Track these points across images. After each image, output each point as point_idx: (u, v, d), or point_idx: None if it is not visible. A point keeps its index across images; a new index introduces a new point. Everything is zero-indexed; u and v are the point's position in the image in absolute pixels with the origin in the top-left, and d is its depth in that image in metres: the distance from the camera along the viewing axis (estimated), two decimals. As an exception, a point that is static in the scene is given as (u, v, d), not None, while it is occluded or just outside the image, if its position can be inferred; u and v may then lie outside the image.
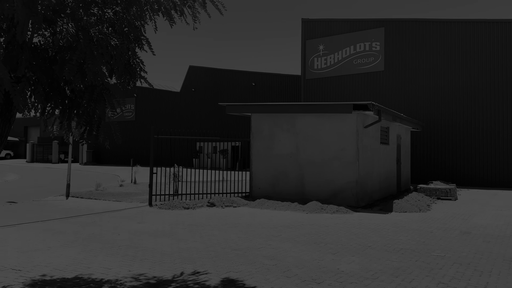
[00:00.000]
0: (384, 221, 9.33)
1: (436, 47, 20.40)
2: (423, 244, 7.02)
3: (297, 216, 9.91)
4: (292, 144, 12.48)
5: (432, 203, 12.58)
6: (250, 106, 13.28)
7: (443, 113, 20.09)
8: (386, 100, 21.39)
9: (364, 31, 22.34)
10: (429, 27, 20.64)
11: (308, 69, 24.12)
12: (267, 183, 12.83)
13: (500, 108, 18.80)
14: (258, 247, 6.71)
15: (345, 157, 11.63)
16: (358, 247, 6.77)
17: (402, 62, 21.28)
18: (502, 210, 11.30)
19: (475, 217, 10.12)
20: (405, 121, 15.23)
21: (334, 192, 11.74)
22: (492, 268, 5.57)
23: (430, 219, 9.71)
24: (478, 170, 19.17)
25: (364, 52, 22.28)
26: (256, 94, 32.25)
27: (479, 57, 19.32)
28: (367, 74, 22.26)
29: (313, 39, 23.95)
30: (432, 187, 14.04)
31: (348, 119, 11.66)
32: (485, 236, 7.70)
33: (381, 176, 13.76)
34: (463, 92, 19.66)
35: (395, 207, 11.02)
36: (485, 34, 19.20)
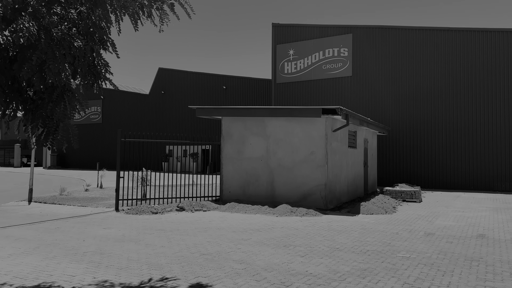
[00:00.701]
0: (352, 223, 9.49)
1: (400, 53, 21.05)
2: (389, 245, 7.20)
3: (267, 219, 9.93)
4: (262, 148, 12.52)
5: (397, 205, 12.93)
6: (220, 110, 13.23)
7: (408, 118, 20.73)
8: (354, 105, 21.87)
9: (332, 37, 22.77)
10: (393, 34, 21.28)
11: (279, 73, 24.33)
12: (237, 186, 12.81)
13: (461, 113, 19.59)
14: (228, 251, 6.67)
15: (315, 160, 11.78)
16: (327, 249, 6.86)
17: (369, 67, 21.83)
18: (464, 212, 11.75)
19: (439, 218, 10.47)
20: (371, 126, 15.60)
21: (304, 195, 11.86)
22: (454, 268, 5.77)
23: (396, 220, 9.97)
24: (442, 173, 19.87)
25: (333, 58, 22.70)
26: (227, 97, 32.22)
27: (440, 63, 20.08)
28: (335, 79, 22.68)
29: (284, 44, 24.19)
30: (397, 190, 14.42)
31: (318, 123, 11.83)
32: (448, 237, 7.97)
33: (349, 179, 14.03)
34: (426, 97, 20.36)
35: (362, 209, 11.25)
36: (446, 41, 19.99)
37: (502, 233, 8.48)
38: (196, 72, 34.31)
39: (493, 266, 5.88)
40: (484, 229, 8.94)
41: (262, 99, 30.54)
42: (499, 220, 10.26)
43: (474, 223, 9.75)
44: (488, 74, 19.07)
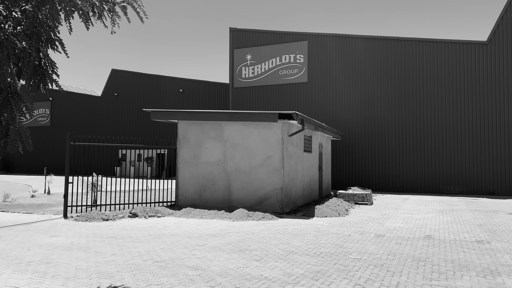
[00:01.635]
0: (307, 226, 9.65)
1: (353, 60, 21.79)
2: (342, 247, 7.38)
3: (223, 224, 9.87)
4: (219, 152, 12.47)
5: (350, 208, 13.31)
6: (176, 113, 13.04)
7: (360, 123, 21.47)
8: (310, 110, 22.34)
9: (289, 43, 23.17)
10: (346, 42, 22.00)
11: (236, 77, 24.38)
12: (194, 191, 12.65)
13: (410, 119, 20.55)
14: (182, 258, 6.55)
15: (271, 164, 11.88)
16: (282, 252, 6.92)
17: (324, 74, 22.41)
18: (412, 214, 12.29)
19: (389, 220, 10.89)
20: (326, 131, 16.00)
21: (260, 199, 11.92)
22: (402, 268, 6.01)
23: (348, 223, 10.26)
24: (392, 176, 20.72)
25: (289, 64, 23.09)
26: (184, 100, 31.82)
27: (392, 71, 21.00)
28: (292, 85, 23.07)
29: (241, 49, 24.31)
30: (350, 193, 14.86)
31: (274, 127, 11.95)
32: (397, 239, 8.30)
33: (305, 183, 14.27)
34: (377, 103, 21.19)
35: (317, 213, 11.47)
36: (396, 50, 20.93)
37: (447, 233, 8.95)
38: (151, 74, 33.63)
39: (438, 265, 6.19)
40: (430, 230, 9.40)
41: (219, 103, 30.45)
42: (445, 221, 10.83)
43: (422, 224, 10.22)
44: (436, 82, 20.16)
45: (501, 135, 18.92)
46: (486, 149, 19.14)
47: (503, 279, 5.47)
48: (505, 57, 19.02)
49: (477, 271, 5.87)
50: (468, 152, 19.43)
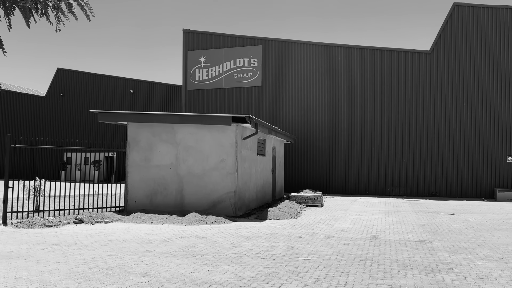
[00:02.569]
0: (260, 229, 9.71)
1: (306, 66, 22.30)
2: (293, 249, 7.49)
3: (175, 229, 9.69)
4: (172, 155, 12.24)
5: (302, 210, 13.56)
6: (126, 115, 12.65)
7: (312, 127, 21.98)
8: (263, 114, 22.56)
9: (243, 47, 23.29)
10: (298, 48, 22.48)
11: (190, 80, 24.12)
12: (144, 195, 12.32)
13: (359, 123, 21.33)
14: (131, 264, 6.35)
15: (225, 168, 11.84)
16: (234, 256, 6.90)
17: (277, 78, 22.73)
18: (360, 215, 12.73)
19: (338, 221, 11.20)
20: (279, 134, 16.21)
21: (213, 202, 11.83)
22: (350, 268, 6.19)
23: (300, 225, 10.44)
24: (341, 179, 21.37)
25: (244, 68, 23.20)
26: (135, 102, 30.98)
27: (341, 77, 21.70)
28: (246, 89, 23.18)
29: (195, 51, 24.09)
30: (302, 195, 15.14)
31: (228, 131, 11.93)
32: (345, 239, 8.56)
33: (258, 186, 14.36)
34: (329, 108, 21.81)
35: (269, 215, 11.57)
36: (345, 57, 21.67)
37: (392, 234, 9.35)
38: (100, 74, 32.42)
39: (384, 265, 6.45)
40: (377, 230, 9.78)
41: (172, 105, 29.94)
42: (390, 222, 11.31)
43: (369, 225, 10.61)
44: (383, 88, 21.07)
45: (443, 140, 20.11)
46: (429, 153, 20.26)
47: (443, 276, 5.79)
48: (446, 66, 20.27)
49: (419, 269, 6.18)
50: (412, 155, 20.47)
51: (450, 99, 20.12)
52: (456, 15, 20.25)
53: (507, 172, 19.21)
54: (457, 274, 5.86)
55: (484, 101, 19.66)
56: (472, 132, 19.75)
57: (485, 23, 19.84)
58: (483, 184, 19.49)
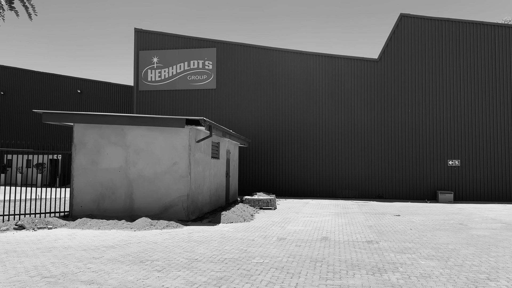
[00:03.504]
0: (212, 233, 9.61)
1: (261, 70, 22.49)
2: (245, 252, 7.48)
3: (124, 235, 9.36)
4: (121, 158, 11.84)
5: (255, 213, 13.61)
6: (72, 115, 12.08)
7: (266, 131, 22.19)
8: (218, 117, 22.45)
9: (198, 49, 23.08)
10: (253, 52, 22.64)
11: (142, 80, 23.52)
12: (91, 200, 11.81)
13: (309, 128, 21.81)
14: (76, 272, 6.04)
15: (177, 171, 11.63)
16: (185, 261, 6.78)
17: (232, 81, 22.74)
18: (311, 217, 12.98)
19: (290, 224, 11.35)
20: (234, 137, 16.19)
21: (165, 207, 11.57)
22: (301, 270, 6.28)
23: (253, 228, 10.47)
24: (294, 182, 21.72)
25: (198, 70, 22.99)
26: (83, 102, 29.72)
27: (294, 82, 22.09)
28: (200, 91, 22.98)
29: (147, 51, 23.55)
30: (255, 198, 15.21)
31: (181, 133, 11.74)
32: (297, 241, 8.68)
33: (212, 189, 14.24)
34: (282, 112, 22.11)
35: (223, 219, 11.50)
36: (298, 62, 22.11)
37: (341, 235, 9.62)
38: (44, 72, 30.78)
39: (333, 265, 6.60)
40: (327, 232, 10.01)
41: (123, 106, 29.03)
42: (340, 223, 11.63)
43: (320, 227, 10.85)
44: (334, 94, 21.69)
45: (389, 144, 21.02)
46: (376, 157, 21.09)
47: (389, 275, 6.03)
48: (393, 73, 21.24)
49: (367, 269, 6.38)
50: (361, 159, 21.22)
51: (396, 105, 21.09)
52: (403, 25, 21.30)
53: (448, 175, 20.43)
54: (402, 273, 6.12)
55: (427, 108, 20.80)
56: (416, 137, 20.82)
57: (430, 34, 21.02)
58: (426, 186, 20.58)
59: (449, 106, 20.63)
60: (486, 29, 20.53)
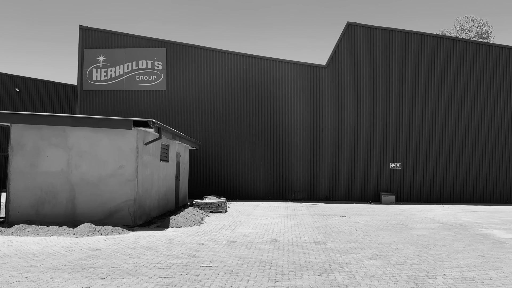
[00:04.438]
0: (160, 238, 9.38)
1: (212, 72, 22.38)
2: (195, 256, 7.37)
3: (65, 241, 8.88)
4: (63, 161, 11.24)
5: (205, 217, 13.47)
6: (8, 115, 11.28)
7: (217, 134, 22.08)
8: (168, 119, 22.02)
9: (147, 49, 22.52)
10: (205, 54, 22.49)
11: (86, 79, 22.54)
12: (29, 205, 11.09)
13: (259, 131, 22.00)
14: (11, 282, 5.63)
15: (124, 174, 11.23)
16: (131, 267, 6.54)
17: (182, 83, 22.41)
18: (261, 219, 13.07)
19: (240, 227, 11.35)
20: (184, 140, 15.94)
21: (110, 212, 11.13)
22: (250, 273, 6.28)
23: (203, 232, 10.34)
24: (245, 185, 21.78)
25: (147, 70, 22.42)
26: (22, 102, 27.93)
27: (244, 86, 22.20)
28: (149, 92, 22.42)
29: (93, 49, 22.62)
30: (206, 202, 15.06)
31: (128, 135, 11.36)
32: (247, 244, 8.68)
33: (160, 193, 13.91)
34: (233, 115, 22.12)
35: (171, 223, 11.26)
36: (250, 67, 22.25)
37: (290, 236, 9.76)
38: (-20, 69, 28.57)
39: (282, 267, 6.67)
40: (277, 234, 10.12)
41: (65, 106, 27.62)
42: (289, 225, 11.80)
43: (269, 229, 10.94)
44: (283, 99, 22.03)
45: (335, 147, 21.69)
46: (324, 159, 21.68)
47: (335, 275, 6.19)
48: (340, 79, 21.97)
49: (314, 270, 6.51)
50: (309, 162, 21.71)
51: (343, 110, 21.83)
52: (350, 33, 22.12)
53: (390, 178, 21.43)
54: (348, 273, 6.31)
55: (371, 113, 21.72)
56: (362, 141, 21.66)
57: (375, 42, 22.00)
58: (371, 188, 21.46)
59: (391, 111, 21.67)
60: (426, 39, 21.84)
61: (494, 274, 6.33)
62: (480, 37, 40.68)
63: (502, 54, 21.52)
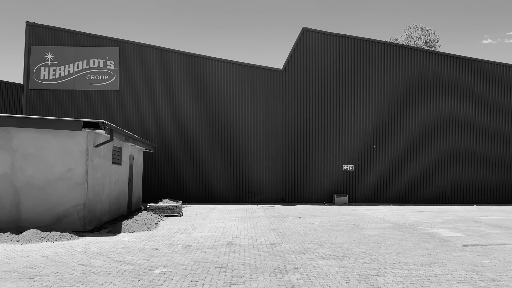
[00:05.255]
0: (112, 243, 9.06)
1: (167, 73, 21.99)
2: (148, 262, 7.18)
3: (8, 249, 8.35)
4: (6, 164, 10.58)
5: (160, 221, 13.18)
6: None
7: (173, 136, 21.72)
8: (121, 120, 21.36)
9: (99, 47, 21.76)
10: (160, 55, 22.07)
11: (33, 78, 21.40)
12: (-33, 211, 10.32)
13: (216, 134, 21.89)
14: None
15: (73, 178, 10.75)
16: (80, 275, 6.27)
17: (137, 83, 21.85)
18: (218, 222, 12.98)
19: (196, 230, 11.21)
20: (138, 142, 15.53)
21: (58, 217, 10.61)
22: (206, 276, 6.21)
23: (157, 236, 10.11)
24: (201, 188, 21.56)
25: (99, 69, 21.65)
26: (-40, 100, 26.03)
27: (202, 87, 22.02)
28: (101, 92, 21.65)
29: (40, 46, 21.52)
30: (160, 205, 14.74)
31: (78, 137, 10.90)
32: (203, 248, 8.59)
33: (112, 197, 13.45)
34: (188, 117, 21.85)
35: (124, 228, 10.92)
36: (207, 69, 22.10)
37: (246, 239, 9.77)
38: None
39: (238, 270, 6.66)
40: (233, 237, 10.09)
41: (9, 106, 26.05)
42: (245, 227, 11.81)
43: (226, 232, 10.89)
44: (239, 102, 22.07)
45: (292, 149, 22.01)
46: (280, 162, 21.93)
47: (290, 276, 6.26)
48: (296, 83, 22.35)
49: (269, 271, 6.56)
50: (266, 164, 21.88)
51: (299, 113, 22.22)
52: (305, 38, 22.58)
53: (343, 179, 22.06)
54: (302, 274, 6.41)
55: (325, 116, 22.26)
56: (316, 143, 22.14)
57: (329, 47, 22.59)
58: (325, 190, 21.97)
59: (344, 115, 22.34)
60: (377, 46, 22.73)
61: (439, 271, 6.68)
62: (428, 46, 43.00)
63: (447, 62, 22.83)
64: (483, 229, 11.66)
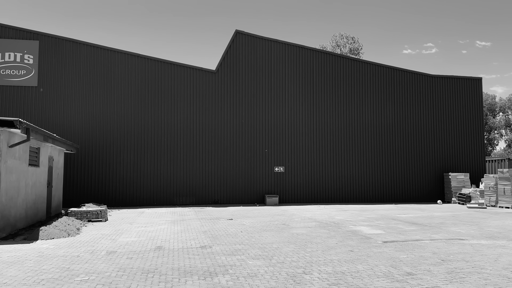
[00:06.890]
0: (28, 251, 8.35)
1: (93, 70, 20.86)
2: (68, 270, 6.72)
3: None
4: None
5: (82, 226, 12.43)
6: None
7: (97, 137, 20.62)
8: (40, 119, 19.85)
9: (15, 40, 20.04)
10: (84, 50, 20.87)
11: None
12: None
13: (143, 136, 21.20)
14: None
15: (-19, 181, 9.74)
16: (-12, 289, 5.68)
17: (58, 81, 20.45)
18: (146, 227, 12.54)
19: (122, 235, 10.73)
20: (58, 142, 14.50)
21: (-38, 225, 9.53)
22: (131, 284, 5.95)
23: (79, 243, 9.51)
24: (129, 191, 20.70)
25: (15, 63, 19.92)
26: None
27: (132, 85, 21.18)
28: (18, 88, 19.95)
29: None
30: (83, 210, 13.91)
31: (-13, 136, 9.90)
32: (129, 253, 8.23)
33: (29, 201, 12.41)
34: (114, 118, 20.90)
35: (41, 235, 10.13)
36: (133, 65, 21.33)
37: (176, 243, 9.54)
38: None
39: (166, 274, 6.47)
40: (162, 241, 9.80)
41: None
42: (175, 231, 11.55)
43: (154, 236, 10.55)
44: (171, 102, 21.58)
45: (223, 151, 21.99)
46: (212, 163, 21.79)
47: (219, 278, 6.22)
48: (229, 85, 22.39)
49: (199, 274, 6.46)
50: (197, 166, 21.62)
51: (231, 114, 22.28)
52: (238, 41, 22.72)
53: (274, 181, 22.52)
54: (231, 275, 6.40)
55: (257, 119, 22.57)
56: (248, 145, 22.35)
57: (261, 51, 22.94)
58: (256, 191, 22.25)
59: (275, 117, 22.83)
60: (305, 52, 23.55)
61: (361, 267, 7.05)
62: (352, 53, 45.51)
63: (369, 69, 24.31)
64: (401, 226, 12.56)
